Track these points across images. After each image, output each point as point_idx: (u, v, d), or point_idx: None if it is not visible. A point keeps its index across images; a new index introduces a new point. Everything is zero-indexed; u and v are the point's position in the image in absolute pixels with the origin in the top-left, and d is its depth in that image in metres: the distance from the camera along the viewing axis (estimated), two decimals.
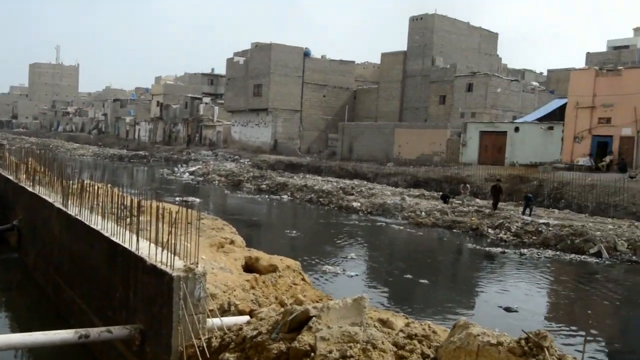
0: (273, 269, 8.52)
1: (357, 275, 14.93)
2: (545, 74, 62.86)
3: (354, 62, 63.69)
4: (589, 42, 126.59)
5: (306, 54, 58.28)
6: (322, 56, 61.18)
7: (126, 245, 7.35)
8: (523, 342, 4.28)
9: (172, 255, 6.36)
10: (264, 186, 36.77)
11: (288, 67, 56.87)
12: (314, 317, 5.16)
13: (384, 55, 58.60)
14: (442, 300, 13.41)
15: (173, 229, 6.45)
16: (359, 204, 28.19)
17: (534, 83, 55.73)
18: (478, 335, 4.51)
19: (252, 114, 59.54)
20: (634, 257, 17.46)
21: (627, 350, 10.73)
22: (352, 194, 30.89)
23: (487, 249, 19.35)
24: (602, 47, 53.93)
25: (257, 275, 8.20)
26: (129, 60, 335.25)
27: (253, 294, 7.59)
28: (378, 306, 10.17)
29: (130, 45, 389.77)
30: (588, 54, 51.58)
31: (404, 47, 56.58)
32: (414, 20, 55.67)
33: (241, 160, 52.37)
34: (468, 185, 30.58)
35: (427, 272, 16.06)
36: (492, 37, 61.03)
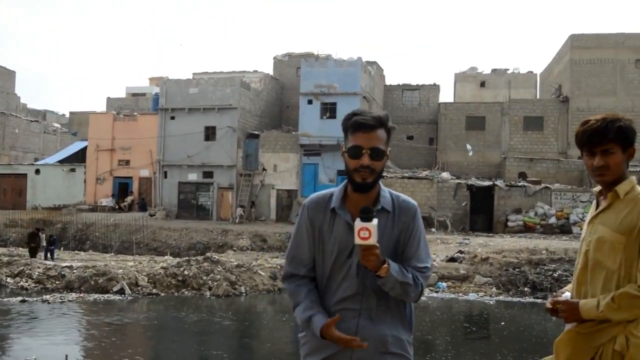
0: None
1: None
2: (67, 115, 62.45)
3: None
4: (110, 87, 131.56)
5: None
6: None
7: None
8: None
9: None
10: None
11: None
12: None
13: None
14: None
15: None
16: None
17: (56, 124, 54.86)
18: None
19: None
20: (154, 290, 18.58)
21: None
22: None
23: (6, 299, 17.93)
24: (122, 94, 56.50)
25: None
26: None
27: None
28: None
29: None
30: (108, 98, 53.34)
31: None
32: None
33: None
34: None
35: None
36: (9, 75, 57.73)
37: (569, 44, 36.33)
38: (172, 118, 35.49)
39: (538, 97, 43.83)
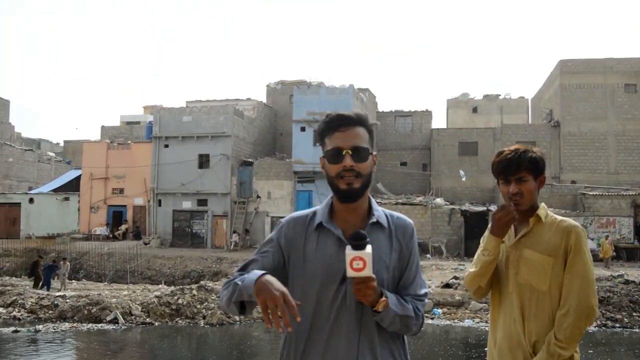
0: None
1: None
2: (62, 144, 62.55)
3: None
4: (105, 116, 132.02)
5: None
6: None
7: None
8: None
9: None
10: None
11: None
12: None
13: None
14: None
15: None
16: None
17: (50, 153, 54.89)
18: None
19: None
20: (147, 319, 18.48)
21: None
22: None
23: None
24: (116, 122, 56.70)
25: None
26: None
27: None
28: None
29: None
30: (103, 127, 53.50)
31: None
32: None
33: None
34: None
35: None
36: (3, 104, 57.89)
37: (558, 69, 36.78)
38: (166, 146, 35.60)
39: (530, 122, 44.23)
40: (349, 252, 2.02)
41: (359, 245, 2.03)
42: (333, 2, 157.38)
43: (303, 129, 34.05)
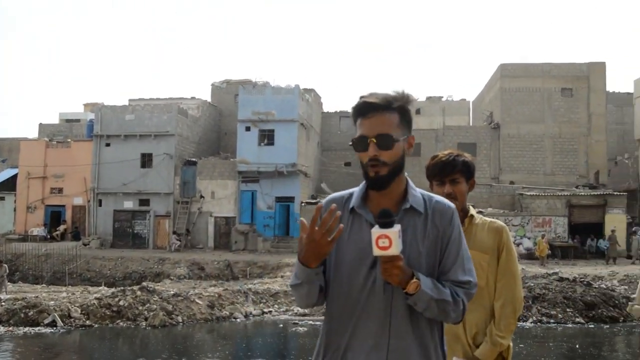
0: None
1: None
2: None
3: None
4: (43, 113, 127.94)
5: None
6: None
7: None
8: None
9: None
10: None
11: None
12: None
13: None
14: None
15: None
16: None
17: None
18: None
19: None
20: (87, 322, 18.06)
21: None
22: None
23: None
24: (55, 119, 55.09)
25: None
26: None
27: None
28: None
29: None
30: (41, 124, 51.92)
31: None
32: None
33: None
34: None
35: None
36: None
37: (499, 72, 37.79)
38: (108, 145, 34.85)
39: (471, 124, 45.23)
40: (375, 230, 1.98)
41: (385, 223, 1.99)
42: (277, 1, 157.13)
43: (248, 129, 33.90)
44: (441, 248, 2.15)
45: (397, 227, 1.98)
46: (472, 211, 3.05)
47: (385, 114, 2.12)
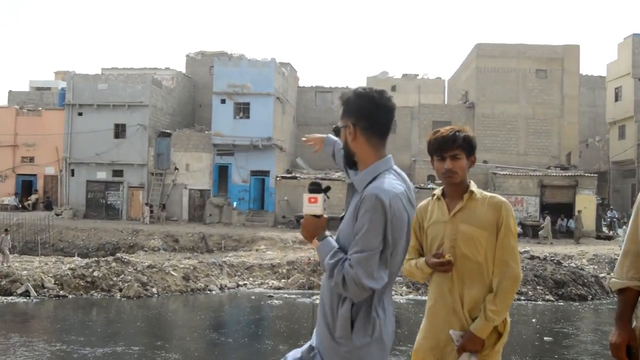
0: None
1: None
2: None
3: None
4: (12, 81, 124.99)
5: None
6: None
7: None
8: None
9: None
10: None
11: None
12: None
13: None
14: None
15: None
16: None
17: None
18: None
19: None
20: (61, 292, 17.98)
21: None
22: None
23: None
24: (25, 87, 53.91)
25: None
26: None
27: None
28: None
29: None
30: (10, 92, 50.83)
31: None
32: None
33: None
34: None
35: None
36: None
37: (475, 52, 37.96)
38: (80, 114, 34.30)
39: (446, 103, 45.48)
40: (305, 194, 2.44)
41: (314, 190, 2.46)
42: None
43: (223, 101, 33.64)
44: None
45: (322, 194, 2.44)
46: (473, 187, 3.03)
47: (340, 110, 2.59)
